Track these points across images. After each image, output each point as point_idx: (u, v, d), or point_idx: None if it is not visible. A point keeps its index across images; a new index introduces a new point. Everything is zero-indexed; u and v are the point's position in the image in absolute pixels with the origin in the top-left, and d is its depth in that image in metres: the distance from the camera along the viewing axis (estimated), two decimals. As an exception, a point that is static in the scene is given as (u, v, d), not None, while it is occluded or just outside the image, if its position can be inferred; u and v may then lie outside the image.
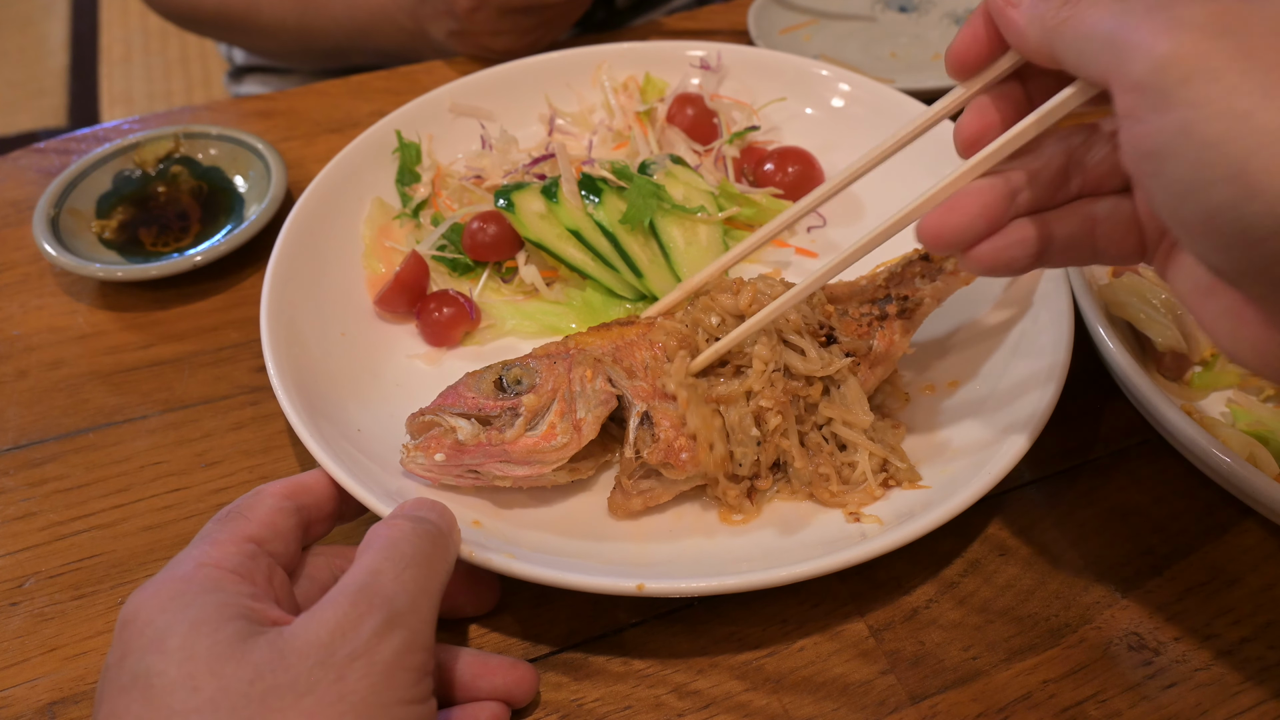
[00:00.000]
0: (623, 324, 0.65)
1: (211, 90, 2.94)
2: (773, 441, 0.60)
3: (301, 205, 0.77)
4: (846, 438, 0.61)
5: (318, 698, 0.40)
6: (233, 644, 0.42)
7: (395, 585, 0.45)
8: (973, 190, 0.47)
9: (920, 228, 0.48)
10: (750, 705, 0.54)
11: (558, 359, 0.62)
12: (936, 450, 0.63)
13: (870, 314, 0.65)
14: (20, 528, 0.65)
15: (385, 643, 0.42)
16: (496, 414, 0.59)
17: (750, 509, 0.61)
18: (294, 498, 0.53)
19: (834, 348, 0.63)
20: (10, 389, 0.74)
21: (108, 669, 0.44)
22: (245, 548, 0.48)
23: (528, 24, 0.98)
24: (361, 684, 0.41)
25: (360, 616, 0.43)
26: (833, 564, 0.53)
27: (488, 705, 0.52)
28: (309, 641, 0.42)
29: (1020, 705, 0.54)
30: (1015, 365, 0.65)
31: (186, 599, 0.44)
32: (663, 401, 0.60)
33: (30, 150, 0.96)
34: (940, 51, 1.07)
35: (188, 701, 0.40)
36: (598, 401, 0.60)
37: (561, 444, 0.58)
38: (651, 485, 0.60)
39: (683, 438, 0.59)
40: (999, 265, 0.48)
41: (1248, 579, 0.59)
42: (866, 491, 0.60)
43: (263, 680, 0.40)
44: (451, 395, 0.61)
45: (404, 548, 0.47)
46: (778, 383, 0.60)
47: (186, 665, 0.41)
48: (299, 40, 1.16)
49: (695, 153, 0.88)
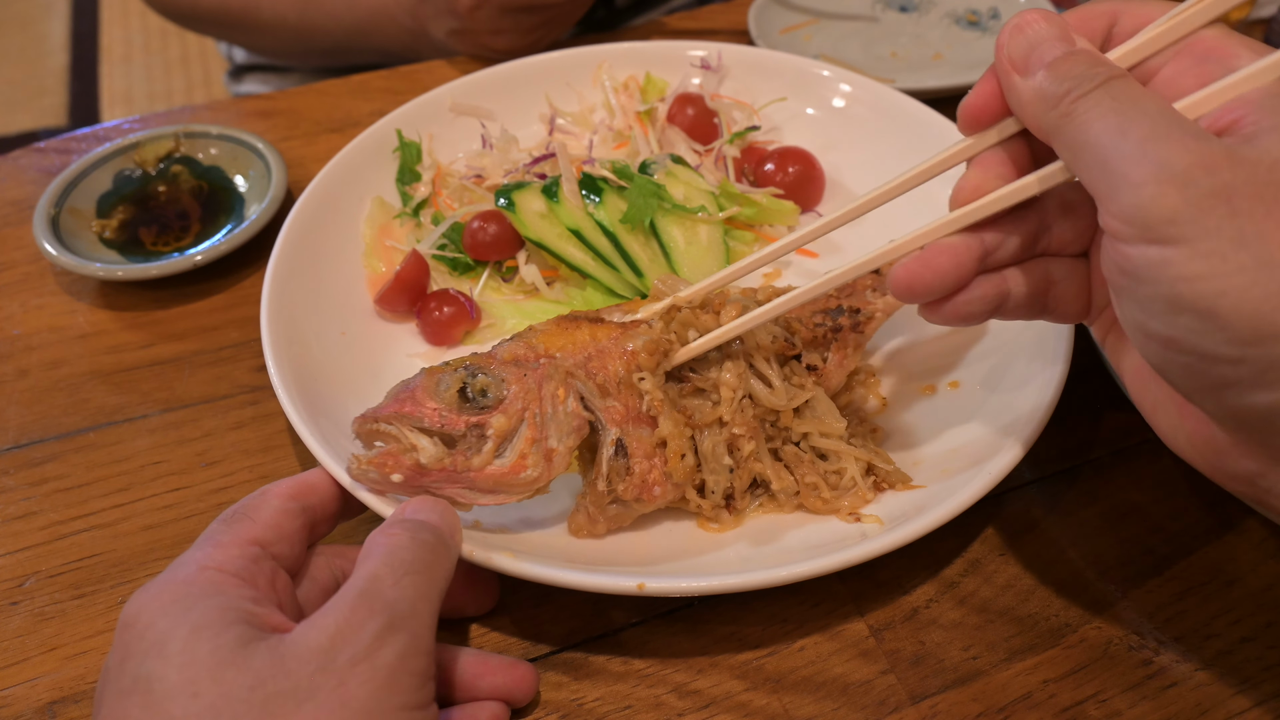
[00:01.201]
0: (593, 322, 0.61)
1: (212, 90, 2.94)
2: (746, 467, 0.59)
3: (302, 205, 0.77)
4: (826, 447, 0.60)
5: (318, 704, 0.40)
6: (234, 649, 0.41)
7: (395, 591, 0.44)
8: (948, 248, 0.48)
9: (893, 277, 0.49)
10: (750, 705, 0.54)
11: (527, 368, 0.57)
12: (937, 450, 0.63)
13: (824, 324, 0.65)
14: (20, 527, 0.65)
15: (386, 647, 0.42)
16: (461, 433, 0.54)
17: (729, 519, 0.60)
18: (300, 498, 0.53)
19: (795, 365, 0.62)
20: (10, 388, 0.74)
21: (108, 671, 0.44)
22: (249, 551, 0.48)
23: (529, 23, 0.98)
24: (362, 689, 0.41)
25: (360, 622, 0.43)
26: (833, 564, 0.53)
27: (487, 705, 0.52)
28: (309, 648, 0.42)
29: (1020, 705, 0.54)
30: (1015, 365, 0.65)
31: (188, 602, 0.44)
32: (637, 426, 0.58)
33: (30, 150, 0.96)
34: (941, 51, 1.07)
35: (188, 707, 0.40)
36: (570, 429, 0.56)
37: (531, 477, 0.55)
38: (618, 510, 0.58)
39: (657, 470, 0.57)
40: (955, 319, 0.50)
41: (1248, 579, 0.59)
42: (858, 495, 0.60)
43: (263, 687, 0.40)
44: (409, 402, 0.55)
45: (403, 555, 0.47)
46: (747, 409, 0.59)
47: (187, 670, 0.41)
48: (299, 38, 1.16)
49: (696, 152, 0.88)
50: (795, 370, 0.62)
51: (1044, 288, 0.50)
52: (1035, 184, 0.47)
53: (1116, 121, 0.39)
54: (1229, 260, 0.36)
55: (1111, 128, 0.39)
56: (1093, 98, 0.41)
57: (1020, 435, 0.58)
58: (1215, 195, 0.37)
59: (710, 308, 0.61)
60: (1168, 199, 0.37)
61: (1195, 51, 0.44)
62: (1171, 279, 0.37)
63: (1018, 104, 0.45)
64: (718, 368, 0.60)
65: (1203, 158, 0.37)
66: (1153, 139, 0.38)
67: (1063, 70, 0.42)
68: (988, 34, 1.10)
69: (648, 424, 0.58)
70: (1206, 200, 0.37)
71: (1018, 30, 0.44)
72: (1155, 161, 0.38)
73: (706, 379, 0.60)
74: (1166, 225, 0.37)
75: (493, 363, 0.57)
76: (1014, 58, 0.44)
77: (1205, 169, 0.37)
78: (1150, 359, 0.42)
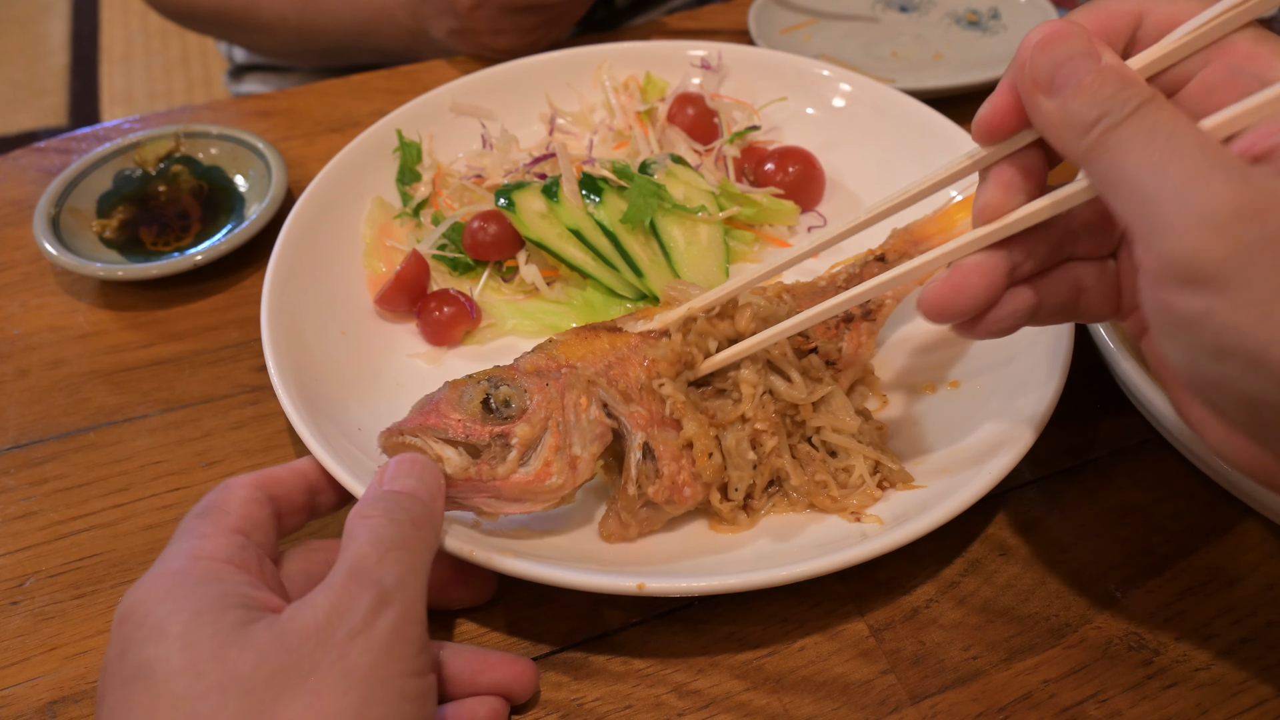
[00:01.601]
0: (611, 332, 0.62)
1: (212, 90, 2.94)
2: (768, 463, 0.59)
3: (302, 204, 0.77)
4: (837, 444, 0.60)
5: (322, 676, 0.41)
6: (234, 631, 0.42)
7: (380, 567, 0.45)
8: (979, 269, 0.47)
9: (923, 302, 0.47)
10: (750, 705, 0.54)
11: (549, 378, 0.58)
12: (937, 450, 0.63)
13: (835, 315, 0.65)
14: (21, 527, 0.65)
15: (380, 619, 0.43)
16: (486, 443, 0.55)
17: (745, 521, 0.60)
18: (264, 488, 0.53)
19: (814, 358, 0.62)
20: (11, 388, 0.74)
21: (108, 665, 0.44)
22: (234, 539, 0.48)
23: (529, 23, 0.98)
24: (363, 659, 0.42)
25: (352, 598, 0.43)
26: (833, 564, 0.53)
27: (487, 700, 0.52)
28: (307, 624, 0.42)
29: (1021, 705, 0.54)
30: (1015, 365, 0.65)
31: (185, 590, 0.44)
32: (662, 429, 0.58)
33: (31, 149, 0.96)
34: (941, 51, 1.07)
35: (193, 687, 0.40)
36: (593, 436, 0.57)
37: (557, 484, 0.55)
38: (649, 514, 0.58)
39: (685, 471, 0.57)
40: (988, 335, 0.49)
41: (1248, 579, 0.59)
42: (866, 493, 0.60)
43: (267, 664, 0.41)
44: (433, 414, 0.55)
45: (385, 533, 0.47)
46: (768, 404, 0.59)
47: (189, 653, 0.41)
48: (299, 38, 1.16)
49: (696, 152, 0.88)
50: (813, 364, 0.62)
51: (1074, 295, 0.49)
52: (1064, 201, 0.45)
53: (1153, 158, 0.37)
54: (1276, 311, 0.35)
55: (1148, 165, 0.37)
56: (1126, 128, 0.38)
57: (1020, 435, 0.58)
58: (1262, 244, 0.35)
59: (725, 314, 0.61)
60: (1211, 250, 0.35)
61: (1229, 60, 0.42)
62: (1217, 328, 0.36)
63: (1042, 125, 0.42)
64: (735, 366, 0.60)
65: (1247, 202, 0.35)
66: (1193, 180, 0.36)
67: (1091, 94, 0.40)
68: (988, 34, 1.10)
69: (672, 427, 0.59)
70: (1253, 249, 0.35)
71: (1043, 47, 0.41)
72: (1197, 208, 0.36)
73: (726, 378, 0.60)
74: (1210, 274, 0.36)
75: (515, 374, 0.58)
76: (1038, 76, 0.42)
77: (1250, 216, 0.35)
78: (1199, 394, 0.41)
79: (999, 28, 1.11)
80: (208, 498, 0.51)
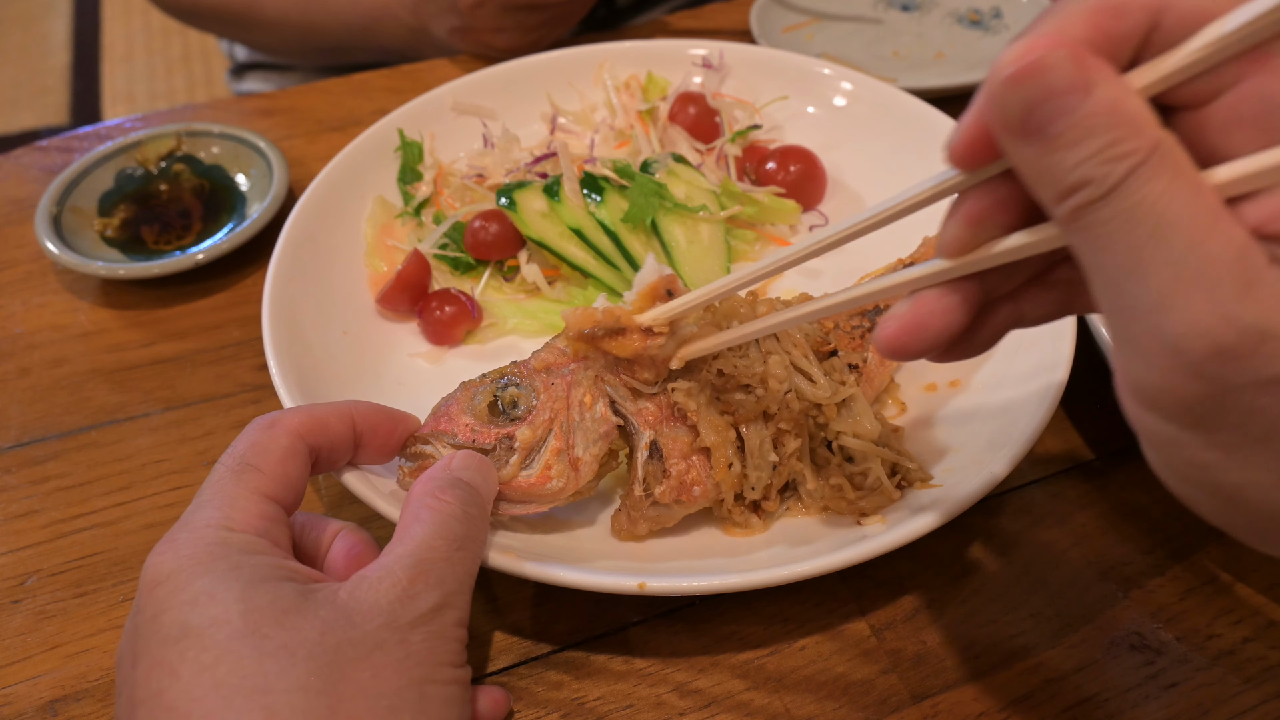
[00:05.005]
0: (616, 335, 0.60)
1: (214, 88, 2.94)
2: (787, 465, 0.59)
3: (303, 204, 0.77)
4: (855, 449, 0.59)
5: (386, 653, 0.42)
6: (294, 599, 0.43)
7: (447, 567, 0.46)
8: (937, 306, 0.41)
9: (878, 340, 0.42)
10: (752, 704, 0.54)
11: (556, 375, 0.58)
12: (938, 450, 0.63)
13: (861, 325, 0.64)
14: (22, 525, 0.65)
15: (441, 616, 0.45)
16: (491, 446, 0.56)
17: (758, 524, 0.60)
18: (309, 437, 0.51)
19: (835, 361, 0.62)
20: (12, 387, 0.74)
21: (139, 627, 0.43)
22: (266, 509, 0.48)
23: (530, 21, 0.98)
24: (422, 647, 0.44)
25: (419, 592, 0.45)
26: (834, 563, 0.53)
27: (490, 690, 0.53)
28: (373, 604, 0.43)
29: (1022, 705, 0.54)
30: (1016, 365, 0.65)
31: (229, 561, 0.44)
32: (671, 426, 0.58)
33: (32, 148, 0.97)
34: (943, 50, 1.07)
35: (260, 646, 0.40)
36: (597, 436, 0.56)
37: (558, 487, 0.56)
38: (659, 512, 0.58)
39: (694, 470, 0.57)
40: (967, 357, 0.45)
41: (1249, 579, 0.59)
42: (883, 494, 0.59)
43: (333, 634, 0.42)
44: (444, 418, 0.57)
45: (455, 528, 0.48)
46: (793, 404, 0.58)
47: (251, 617, 0.41)
48: (301, 36, 1.16)
49: (697, 151, 0.88)
50: (835, 367, 0.62)
51: (1065, 300, 0.43)
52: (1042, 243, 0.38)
53: (1133, 257, 0.31)
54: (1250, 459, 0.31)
55: (1126, 265, 0.31)
56: (1109, 207, 0.31)
57: (1021, 435, 0.58)
58: (1240, 390, 0.30)
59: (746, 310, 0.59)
60: (1181, 388, 0.31)
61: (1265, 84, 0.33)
62: (1185, 458, 0.33)
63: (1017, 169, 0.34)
64: (762, 361, 0.58)
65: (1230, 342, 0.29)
66: (1174, 293, 0.30)
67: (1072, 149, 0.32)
68: (990, 33, 1.10)
69: (682, 421, 0.58)
70: (1229, 394, 0.30)
71: (1014, 83, 0.32)
72: (1172, 337, 0.30)
73: (751, 374, 0.58)
74: (1178, 412, 0.32)
75: (525, 372, 0.59)
76: (1009, 120, 0.33)
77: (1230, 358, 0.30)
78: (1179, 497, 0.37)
79: (1001, 27, 1.11)
80: (249, 439, 0.50)
